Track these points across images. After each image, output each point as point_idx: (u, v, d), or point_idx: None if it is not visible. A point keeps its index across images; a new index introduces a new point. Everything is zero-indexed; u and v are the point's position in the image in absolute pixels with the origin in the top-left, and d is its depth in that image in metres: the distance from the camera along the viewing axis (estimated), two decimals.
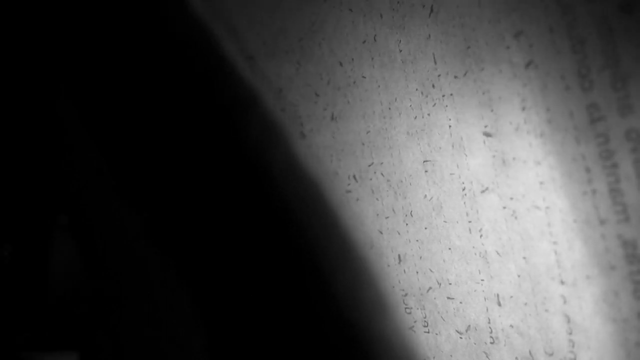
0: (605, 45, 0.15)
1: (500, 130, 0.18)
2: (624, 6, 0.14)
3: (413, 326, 0.21)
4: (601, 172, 0.15)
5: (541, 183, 0.17)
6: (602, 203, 0.15)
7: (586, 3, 0.15)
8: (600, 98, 0.15)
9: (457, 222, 0.19)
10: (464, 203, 0.19)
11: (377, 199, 0.23)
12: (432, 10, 0.20)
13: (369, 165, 0.23)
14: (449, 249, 0.20)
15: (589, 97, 0.15)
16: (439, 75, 0.20)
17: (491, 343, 0.19)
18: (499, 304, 0.18)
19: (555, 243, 0.16)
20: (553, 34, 0.16)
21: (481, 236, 0.19)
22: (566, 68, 0.16)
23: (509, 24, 0.17)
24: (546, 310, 0.17)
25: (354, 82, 0.24)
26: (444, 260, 0.20)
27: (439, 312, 0.20)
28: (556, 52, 0.16)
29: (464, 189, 0.19)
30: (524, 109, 0.17)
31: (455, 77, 0.19)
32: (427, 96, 0.20)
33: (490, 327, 0.19)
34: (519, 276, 0.18)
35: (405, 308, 0.22)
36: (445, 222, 0.20)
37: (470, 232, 0.19)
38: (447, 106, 0.19)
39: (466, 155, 0.19)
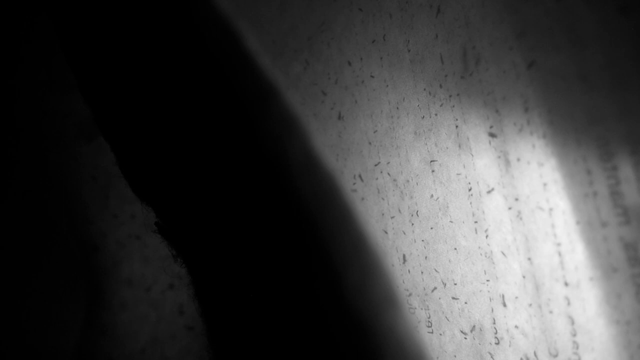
0: (604, 46, 0.15)
1: (505, 131, 0.18)
2: (622, 8, 0.14)
3: (416, 326, 0.21)
4: (601, 175, 0.15)
5: (545, 184, 0.17)
6: (603, 205, 0.15)
7: (586, 4, 0.15)
8: (600, 99, 0.15)
9: (463, 222, 0.19)
10: (470, 203, 0.19)
11: (382, 199, 0.23)
12: (439, 11, 0.20)
13: (376, 165, 0.23)
14: (455, 249, 0.20)
15: (589, 98, 0.15)
16: (446, 75, 0.20)
17: (495, 344, 0.19)
18: (504, 305, 0.18)
19: (559, 244, 0.16)
20: (554, 35, 0.16)
21: (487, 237, 0.19)
22: (567, 69, 0.16)
23: (511, 25, 0.17)
24: (550, 312, 0.17)
25: (362, 82, 0.24)
26: (449, 261, 0.20)
27: (443, 312, 0.20)
28: (557, 52, 0.16)
29: (470, 189, 0.19)
30: (527, 110, 0.17)
31: (462, 77, 0.19)
32: (434, 96, 0.20)
33: (494, 328, 0.19)
34: (523, 277, 0.17)
35: (409, 308, 0.22)
36: (451, 222, 0.20)
37: (476, 233, 0.19)
38: (453, 106, 0.19)
39: (472, 156, 0.19)
